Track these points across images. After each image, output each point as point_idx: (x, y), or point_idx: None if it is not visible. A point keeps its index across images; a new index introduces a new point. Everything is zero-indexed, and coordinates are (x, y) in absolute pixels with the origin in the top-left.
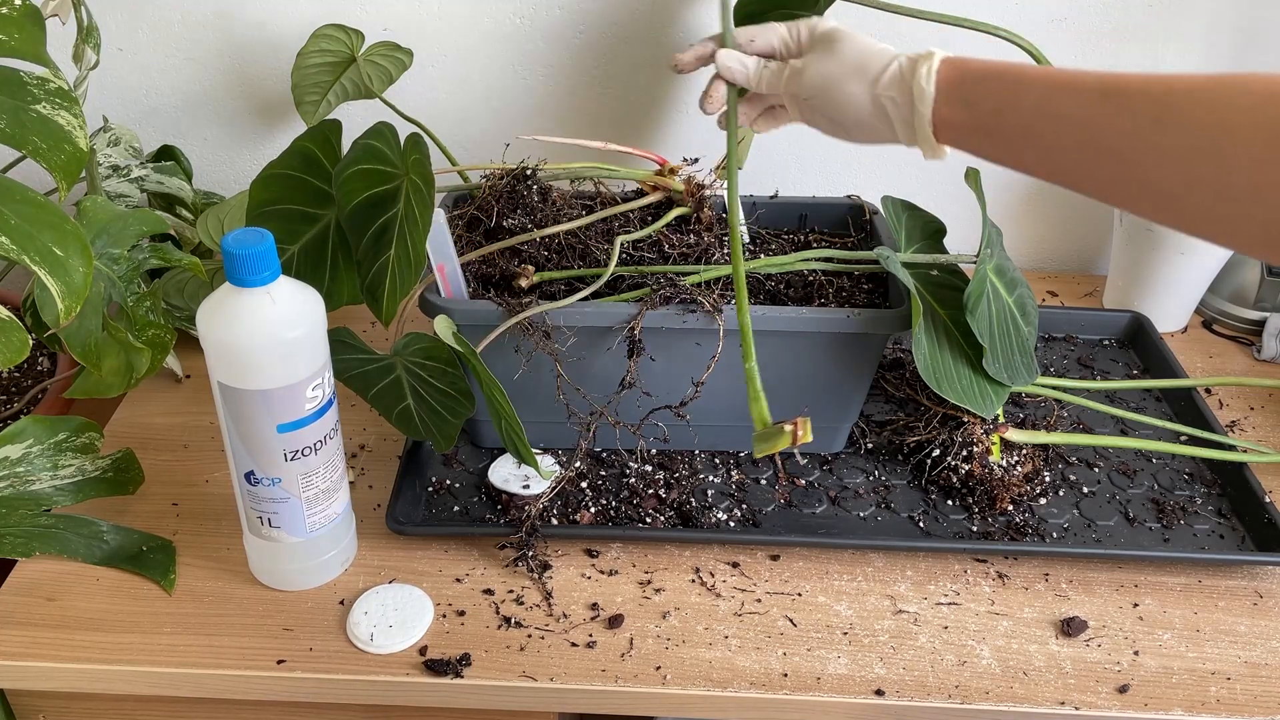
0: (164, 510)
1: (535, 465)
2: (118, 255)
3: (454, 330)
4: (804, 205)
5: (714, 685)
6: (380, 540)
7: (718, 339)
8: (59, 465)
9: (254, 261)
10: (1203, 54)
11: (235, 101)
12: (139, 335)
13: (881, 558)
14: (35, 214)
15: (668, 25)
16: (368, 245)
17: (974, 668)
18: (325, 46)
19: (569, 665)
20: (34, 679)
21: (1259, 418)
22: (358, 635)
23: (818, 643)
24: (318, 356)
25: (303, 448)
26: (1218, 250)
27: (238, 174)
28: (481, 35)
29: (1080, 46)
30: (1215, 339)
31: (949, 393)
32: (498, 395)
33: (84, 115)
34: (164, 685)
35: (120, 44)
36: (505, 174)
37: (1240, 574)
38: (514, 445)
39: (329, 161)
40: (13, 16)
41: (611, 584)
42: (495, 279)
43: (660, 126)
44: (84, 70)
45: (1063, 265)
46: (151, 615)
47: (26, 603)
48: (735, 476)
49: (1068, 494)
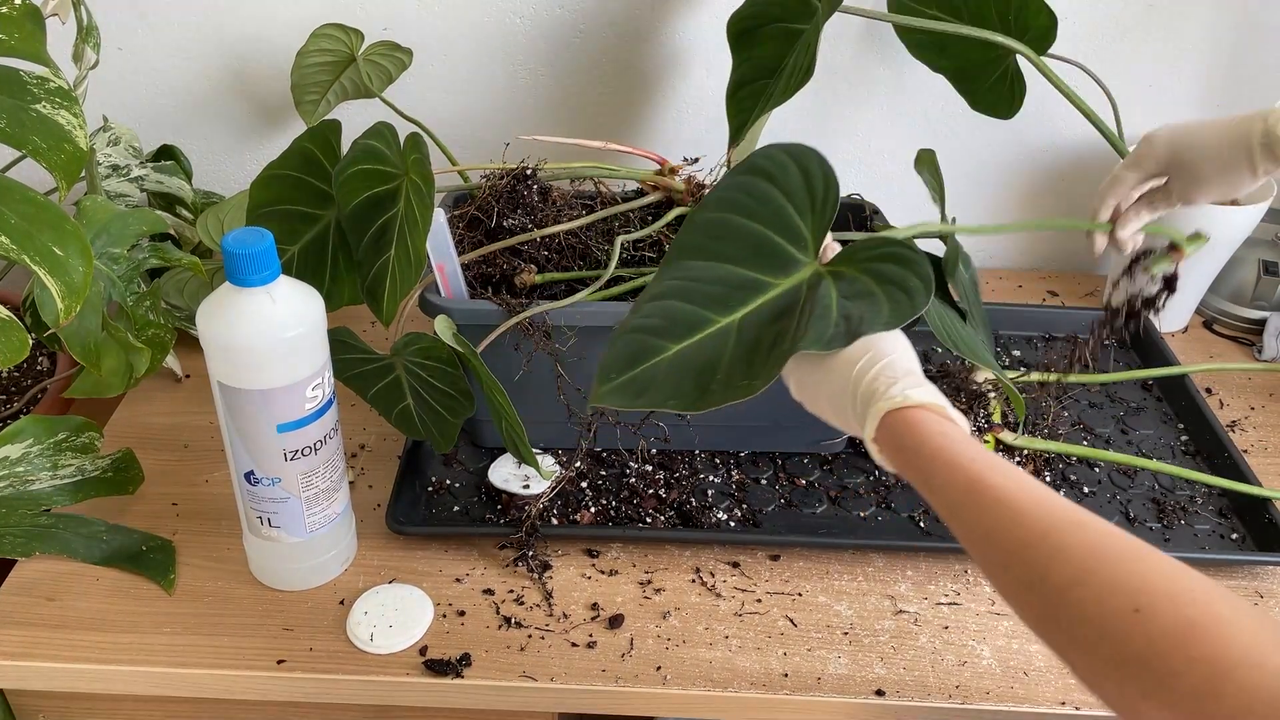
0: (164, 510)
1: (535, 465)
2: (118, 255)
3: (454, 330)
4: None
5: (714, 685)
6: (380, 540)
7: None
8: (59, 465)
9: (254, 261)
10: (1203, 54)
11: (235, 101)
12: (139, 335)
13: (882, 558)
14: (35, 213)
15: (667, 25)
16: (368, 245)
17: (974, 668)
18: (325, 46)
19: (569, 665)
20: (34, 679)
21: (1259, 418)
22: (358, 635)
23: (818, 643)
24: (318, 356)
25: (303, 448)
26: (1218, 251)
27: (238, 174)
28: (482, 35)
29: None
30: (1215, 339)
31: (965, 351)
32: (498, 395)
33: (84, 115)
34: (164, 685)
35: (120, 44)
36: (505, 174)
37: (1240, 574)
38: (514, 445)
39: (329, 162)
40: (13, 16)
41: (612, 584)
42: (495, 279)
43: (660, 126)
44: (84, 70)
45: (1063, 265)
46: (151, 615)
47: (26, 603)
48: (735, 476)
49: (1068, 494)
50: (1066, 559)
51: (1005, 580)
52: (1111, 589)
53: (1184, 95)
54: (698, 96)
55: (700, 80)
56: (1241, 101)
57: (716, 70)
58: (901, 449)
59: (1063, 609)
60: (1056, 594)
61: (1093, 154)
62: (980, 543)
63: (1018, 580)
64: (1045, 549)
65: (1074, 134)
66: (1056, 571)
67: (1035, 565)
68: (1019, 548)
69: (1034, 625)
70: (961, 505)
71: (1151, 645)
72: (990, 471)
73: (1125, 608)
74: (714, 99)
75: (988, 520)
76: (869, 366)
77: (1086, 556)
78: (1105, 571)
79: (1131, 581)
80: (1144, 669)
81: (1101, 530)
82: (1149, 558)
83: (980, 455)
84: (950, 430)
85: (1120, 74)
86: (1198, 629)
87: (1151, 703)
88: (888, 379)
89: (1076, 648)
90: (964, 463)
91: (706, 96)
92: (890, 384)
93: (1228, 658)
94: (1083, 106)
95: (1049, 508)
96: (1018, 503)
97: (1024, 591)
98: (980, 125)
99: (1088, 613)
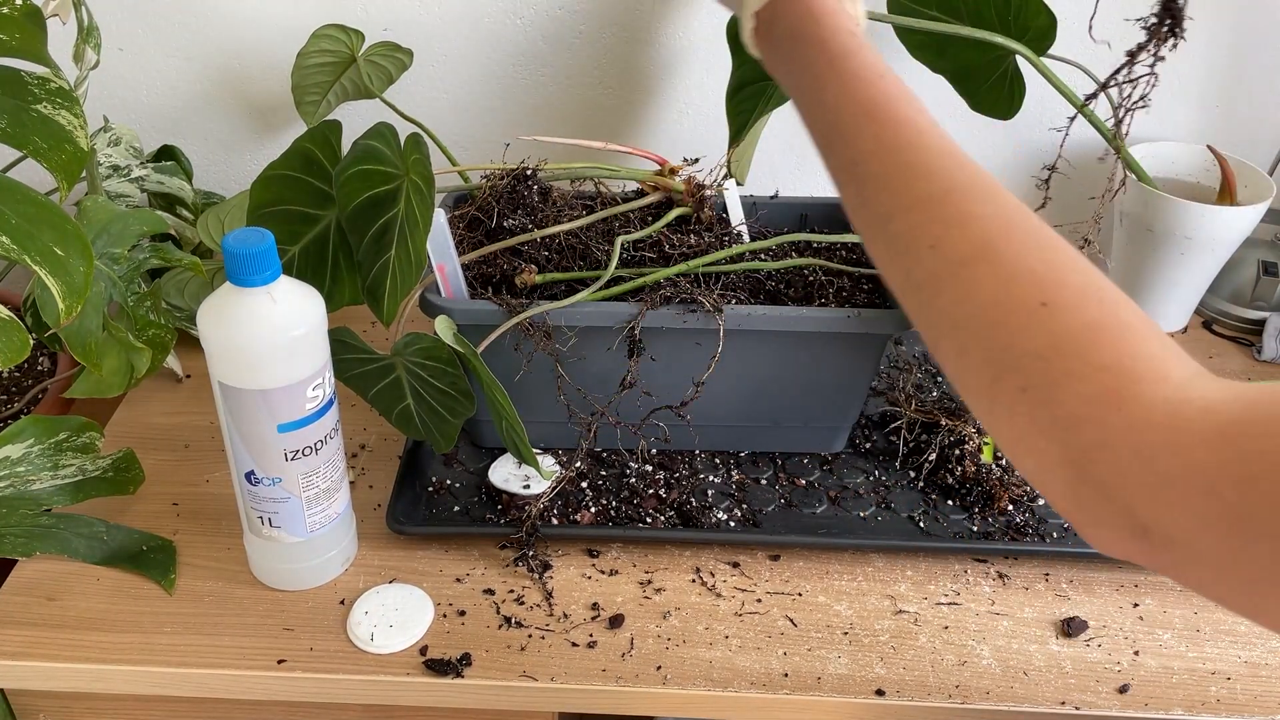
0: (164, 510)
1: (536, 465)
2: (118, 255)
3: (454, 330)
4: (804, 205)
5: (714, 685)
6: (380, 540)
7: (718, 339)
8: (59, 465)
9: (255, 261)
10: (1203, 54)
11: (235, 101)
12: (139, 335)
13: (881, 558)
14: (36, 214)
15: (667, 25)
16: (368, 246)
17: (974, 668)
18: (325, 47)
19: (569, 665)
20: (34, 679)
21: None
22: (358, 635)
23: (818, 643)
24: (318, 356)
25: (303, 447)
26: (1218, 250)
27: (238, 174)
28: (481, 35)
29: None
30: (1215, 339)
31: None
32: (498, 395)
33: (84, 115)
34: (164, 685)
35: (120, 44)
36: (505, 174)
37: None
38: (515, 445)
39: (329, 162)
40: (13, 16)
41: (612, 584)
42: (495, 279)
43: (660, 126)
44: (84, 70)
45: None
46: (151, 615)
47: (26, 603)
48: (735, 476)
49: None
50: (967, 231)
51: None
52: (1015, 274)
53: (1184, 95)
54: (698, 97)
55: (700, 81)
56: (1241, 101)
57: (716, 71)
58: (790, 36)
59: (951, 283)
60: (946, 267)
61: (1093, 154)
62: (864, 180)
63: (898, 236)
64: (945, 212)
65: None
66: (954, 242)
67: (927, 228)
68: (913, 203)
69: (901, 290)
70: (852, 130)
71: (1054, 344)
72: (899, 100)
73: (1031, 299)
74: (714, 100)
75: (883, 159)
76: None
77: (994, 233)
78: (1011, 254)
79: (1040, 271)
80: (1039, 366)
81: (1012, 205)
82: (1060, 247)
83: (886, 71)
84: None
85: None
86: (1105, 335)
87: (1030, 398)
88: None
89: (954, 327)
90: (870, 78)
91: (706, 97)
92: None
93: (1133, 370)
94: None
95: (959, 164)
96: (923, 148)
97: (902, 252)
98: (980, 126)
99: (983, 295)
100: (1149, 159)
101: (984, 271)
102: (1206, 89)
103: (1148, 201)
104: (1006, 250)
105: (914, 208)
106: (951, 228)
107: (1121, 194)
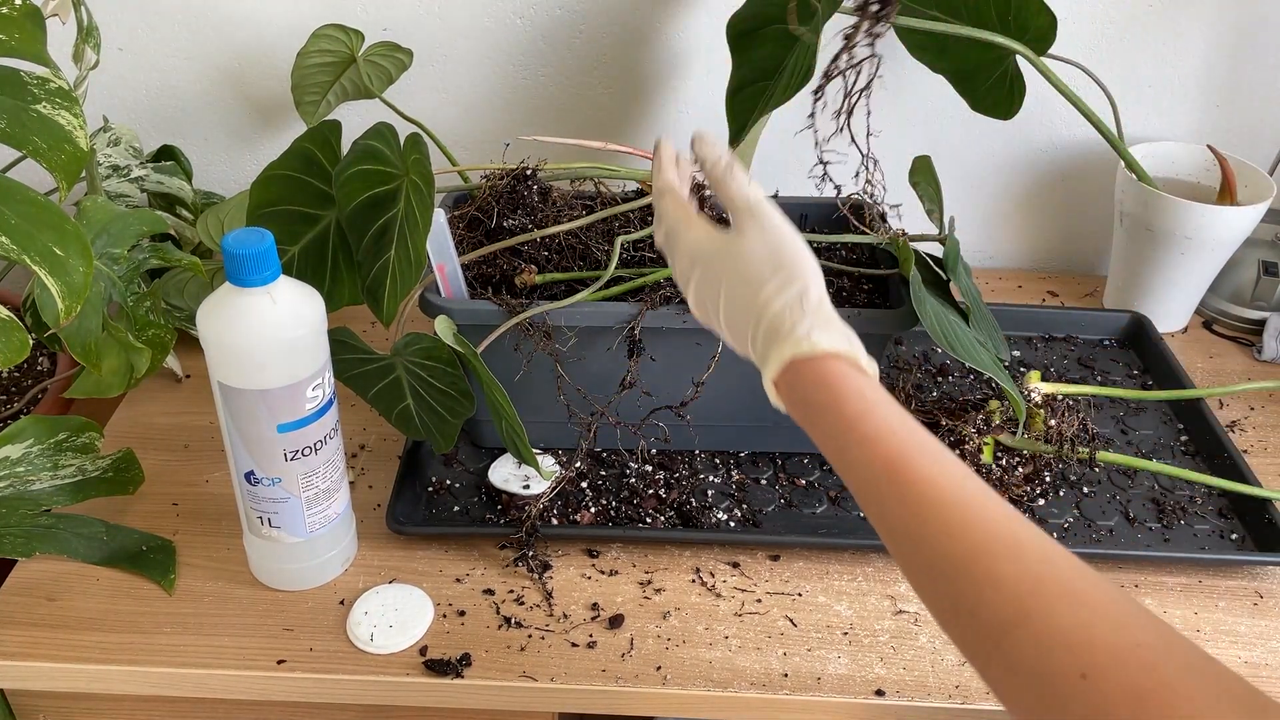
0: (164, 510)
1: (536, 465)
2: (118, 255)
3: (454, 330)
4: (804, 205)
5: (714, 685)
6: (380, 540)
7: (718, 339)
8: (59, 465)
9: (254, 261)
10: (1203, 54)
11: (235, 101)
12: (139, 335)
13: (881, 558)
14: (36, 214)
15: (668, 25)
16: (368, 246)
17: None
18: (325, 47)
19: (569, 665)
20: (34, 679)
21: (1259, 418)
22: (358, 635)
23: (818, 643)
24: (318, 356)
25: (303, 448)
26: (1218, 250)
27: (238, 174)
28: (481, 35)
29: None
30: (1215, 339)
31: (961, 353)
32: (498, 395)
33: (84, 115)
34: (164, 685)
35: (120, 44)
36: (505, 174)
37: (1240, 574)
38: (514, 445)
39: (329, 162)
40: (13, 16)
41: (612, 584)
42: (495, 279)
43: (660, 127)
44: (84, 70)
45: (1063, 265)
46: (151, 615)
47: (26, 603)
48: (735, 476)
49: (1068, 494)
50: (1001, 594)
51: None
52: (1051, 640)
53: (1184, 95)
54: (698, 97)
55: (700, 81)
56: (1241, 101)
57: (716, 71)
58: (808, 403)
59: (996, 651)
60: (989, 632)
61: (1093, 154)
62: (901, 541)
63: (944, 598)
64: (977, 576)
65: (1074, 134)
66: (990, 607)
67: (965, 594)
68: (947, 567)
69: (959, 645)
70: (880, 493)
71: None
72: (917, 455)
73: (1070, 669)
74: (714, 100)
75: (910, 520)
76: (779, 291)
77: (1024, 595)
78: (1043, 613)
79: (1077, 635)
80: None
81: (1037, 557)
82: (1093, 596)
83: (901, 426)
84: (866, 389)
85: (1120, 74)
86: (1148, 703)
87: None
88: (795, 315)
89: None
90: (885, 436)
91: (706, 97)
92: (797, 321)
93: None
94: (1082, 106)
95: (980, 516)
96: (945, 504)
97: (950, 613)
98: (980, 126)
99: (1026, 662)
100: (1149, 159)
101: (1023, 637)
102: (1206, 89)
103: (1148, 201)
104: (1036, 612)
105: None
106: (985, 588)
107: (1122, 194)
